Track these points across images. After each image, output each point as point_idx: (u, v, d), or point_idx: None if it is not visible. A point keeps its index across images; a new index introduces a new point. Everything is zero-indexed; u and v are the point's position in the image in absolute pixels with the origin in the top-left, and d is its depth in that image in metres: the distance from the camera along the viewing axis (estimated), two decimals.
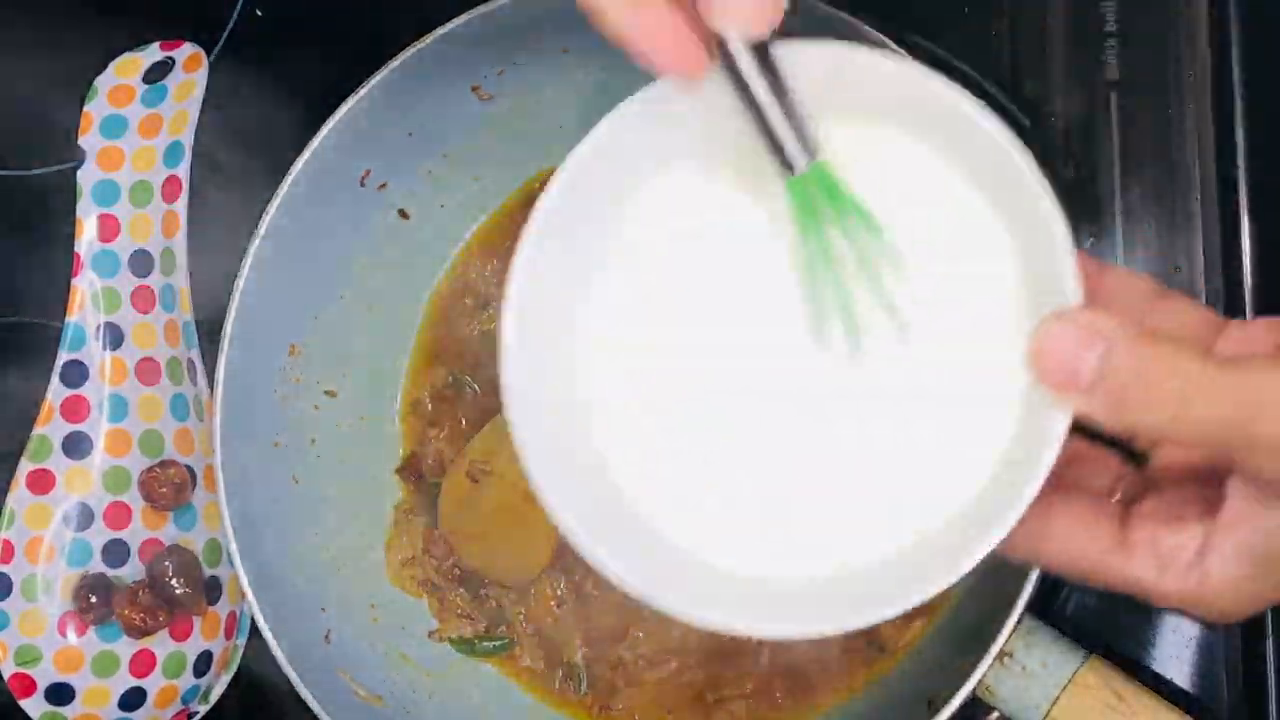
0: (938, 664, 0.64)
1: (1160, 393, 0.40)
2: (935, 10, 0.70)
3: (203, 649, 0.71)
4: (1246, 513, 0.43)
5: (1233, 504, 0.43)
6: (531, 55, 0.67)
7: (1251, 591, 0.43)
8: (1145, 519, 0.45)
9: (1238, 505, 0.43)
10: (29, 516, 0.70)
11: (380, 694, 0.67)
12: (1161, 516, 0.44)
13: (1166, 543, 0.44)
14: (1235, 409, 0.40)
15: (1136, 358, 0.41)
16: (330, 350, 0.70)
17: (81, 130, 0.72)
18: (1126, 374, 0.41)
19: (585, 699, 0.69)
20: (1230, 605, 0.44)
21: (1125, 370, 0.41)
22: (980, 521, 0.44)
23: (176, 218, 0.72)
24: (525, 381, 0.47)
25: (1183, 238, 0.67)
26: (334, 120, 0.64)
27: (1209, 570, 0.43)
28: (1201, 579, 0.43)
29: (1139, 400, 0.41)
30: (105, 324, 0.72)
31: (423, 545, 0.71)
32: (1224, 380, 0.40)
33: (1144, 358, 0.41)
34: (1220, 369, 0.40)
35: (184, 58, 0.74)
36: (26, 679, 0.69)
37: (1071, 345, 0.41)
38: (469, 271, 0.72)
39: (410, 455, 0.72)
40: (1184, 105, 0.68)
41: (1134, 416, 0.41)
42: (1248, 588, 0.43)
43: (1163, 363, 0.41)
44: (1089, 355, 0.41)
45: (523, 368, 0.48)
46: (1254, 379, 0.40)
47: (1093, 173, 0.68)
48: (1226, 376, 0.40)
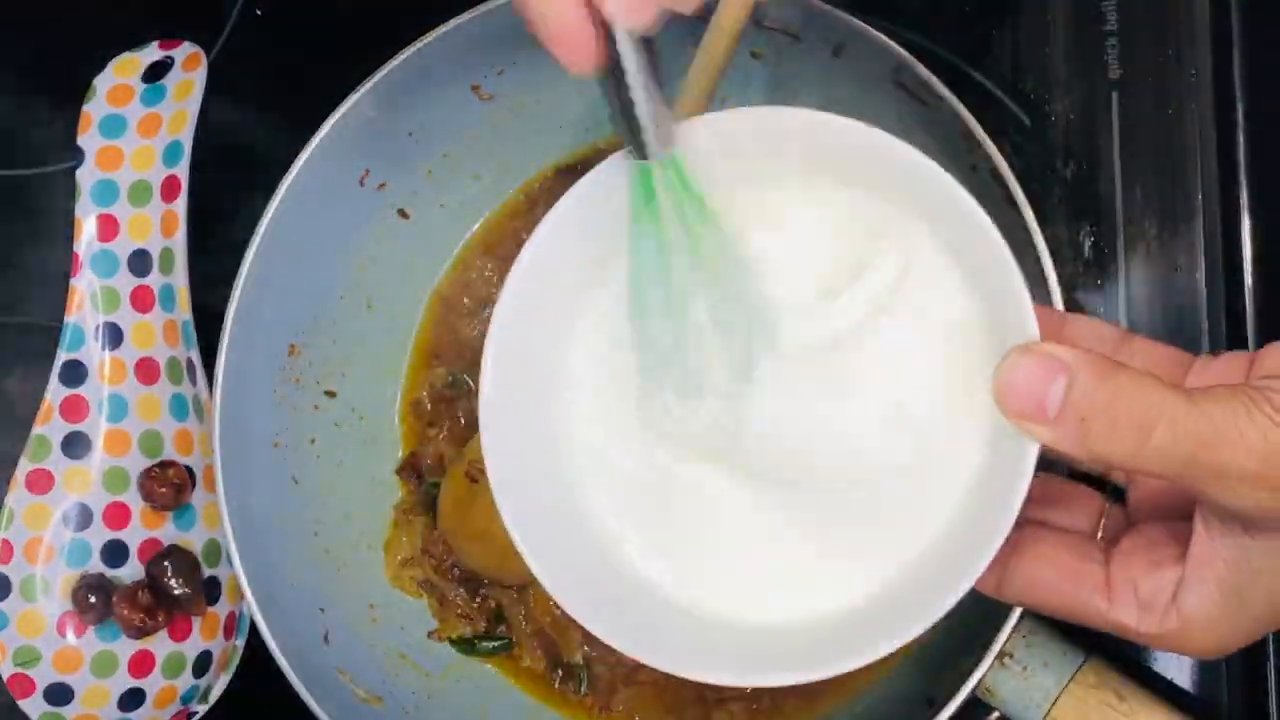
0: (938, 664, 0.64)
1: (1123, 421, 0.41)
2: (935, 10, 0.70)
3: (202, 649, 0.71)
4: (1214, 547, 0.43)
5: (1200, 538, 0.43)
6: (531, 55, 0.67)
7: (1230, 626, 0.44)
8: (1125, 560, 0.45)
9: (1204, 540, 0.43)
10: (28, 517, 0.70)
11: (380, 694, 0.67)
12: (1139, 559, 0.45)
13: (1145, 586, 0.44)
14: (1198, 438, 0.40)
15: (1099, 387, 0.41)
16: (330, 350, 0.70)
17: (80, 130, 0.72)
18: (1089, 403, 0.41)
19: (585, 699, 0.69)
20: (1211, 642, 0.44)
21: (1088, 399, 0.41)
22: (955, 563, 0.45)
23: (175, 217, 0.72)
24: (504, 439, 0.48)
25: (1183, 238, 0.67)
26: (334, 120, 0.64)
27: (1185, 609, 0.43)
28: (1179, 620, 0.44)
29: (1102, 429, 0.41)
30: (104, 324, 0.72)
31: (422, 545, 0.71)
32: (1186, 410, 0.40)
33: (1106, 387, 0.41)
34: (1183, 398, 0.41)
35: (183, 57, 0.74)
36: (25, 679, 0.69)
37: (1035, 376, 0.41)
38: (469, 271, 0.72)
39: (410, 455, 0.72)
40: (1184, 105, 0.68)
41: (1098, 446, 0.41)
42: (1225, 623, 0.43)
43: (1125, 391, 0.41)
44: (1053, 386, 0.41)
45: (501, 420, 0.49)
46: (1216, 409, 0.40)
47: (1093, 173, 0.68)
48: (1189, 406, 0.41)
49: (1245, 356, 0.46)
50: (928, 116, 0.61)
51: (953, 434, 0.46)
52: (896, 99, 0.62)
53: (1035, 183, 0.68)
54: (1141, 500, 0.48)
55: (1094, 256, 0.68)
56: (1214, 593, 0.43)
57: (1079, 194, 0.68)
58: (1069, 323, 0.48)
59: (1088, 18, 0.69)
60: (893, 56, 0.60)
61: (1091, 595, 0.45)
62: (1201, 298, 0.66)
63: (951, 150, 0.61)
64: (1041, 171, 0.69)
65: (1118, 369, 0.41)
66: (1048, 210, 0.68)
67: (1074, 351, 0.41)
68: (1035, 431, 0.42)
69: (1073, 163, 0.69)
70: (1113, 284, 0.68)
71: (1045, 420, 0.41)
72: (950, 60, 0.69)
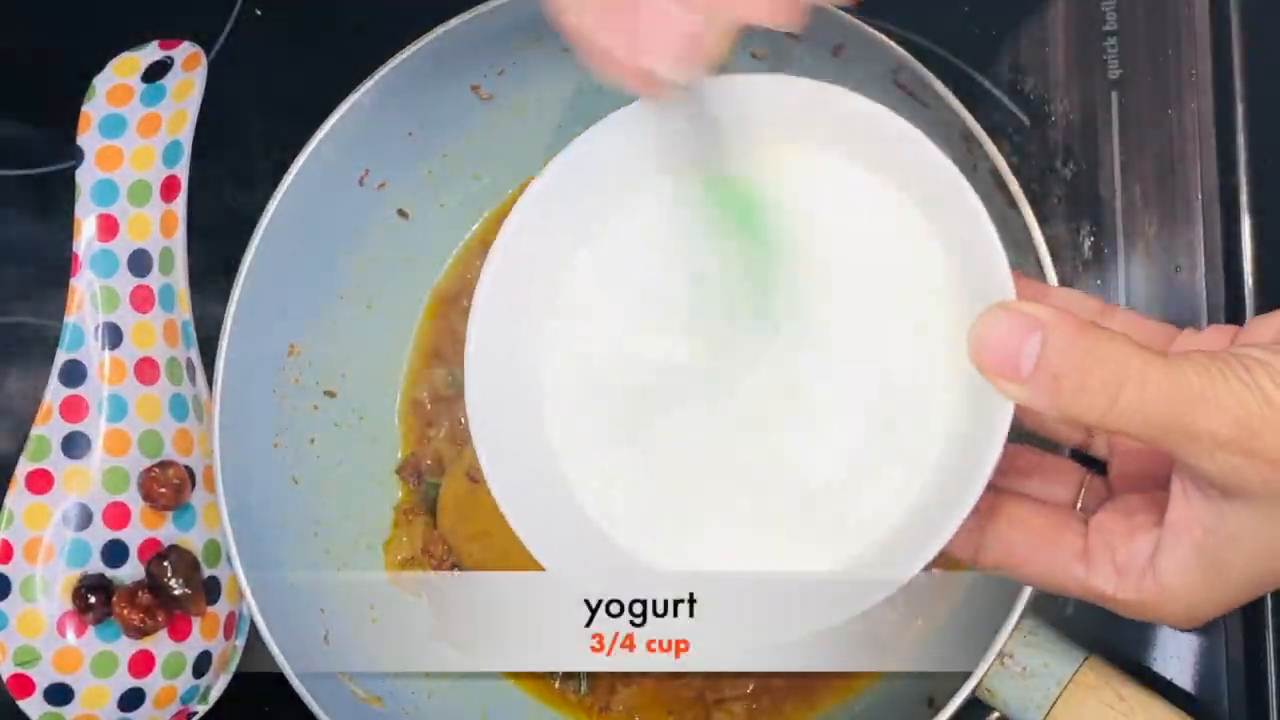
0: (938, 664, 0.64)
1: (1095, 380, 0.40)
2: (935, 10, 0.70)
3: (202, 649, 0.71)
4: (1191, 514, 0.43)
5: (1176, 505, 0.43)
6: (531, 55, 0.67)
7: (1206, 593, 0.43)
8: (1102, 529, 0.45)
9: (1181, 506, 0.43)
10: (28, 517, 0.70)
11: (379, 694, 0.67)
12: (1117, 526, 0.45)
13: (1122, 552, 0.44)
14: (1170, 400, 0.40)
15: (1072, 345, 0.41)
16: (330, 350, 0.70)
17: (80, 130, 0.72)
18: (1062, 361, 0.41)
19: (585, 699, 0.69)
20: (1185, 610, 0.44)
21: (1061, 357, 0.41)
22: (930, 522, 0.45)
23: (175, 217, 0.72)
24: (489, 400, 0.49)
25: (1183, 238, 0.67)
26: (334, 120, 0.64)
27: (1161, 576, 0.43)
28: (1156, 586, 0.43)
29: (1074, 387, 0.41)
30: (104, 324, 0.72)
31: (422, 545, 0.71)
32: (1160, 371, 0.40)
33: (1080, 345, 0.41)
34: (1156, 359, 0.41)
35: (183, 57, 0.74)
36: (25, 679, 0.69)
37: (1010, 334, 0.41)
38: (469, 271, 0.72)
39: (410, 455, 0.72)
40: (1184, 105, 0.68)
41: (1068, 403, 0.41)
42: (1201, 591, 0.43)
43: (1098, 349, 0.41)
44: (1027, 343, 0.41)
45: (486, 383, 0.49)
46: (1191, 372, 0.40)
47: (1093, 173, 0.68)
48: (1164, 367, 0.40)
49: (1230, 330, 0.46)
50: (928, 116, 0.61)
51: (929, 395, 0.47)
52: (896, 99, 0.62)
53: (1035, 183, 0.68)
54: (1122, 473, 0.48)
55: (1094, 256, 0.68)
56: (1190, 558, 0.43)
57: (1079, 194, 0.68)
58: (1049, 293, 0.48)
59: (1088, 18, 0.69)
60: (893, 56, 0.60)
61: (1069, 562, 0.45)
62: (1201, 298, 0.66)
63: (951, 150, 0.61)
64: (1041, 171, 0.69)
65: (1092, 328, 0.41)
66: (1048, 210, 0.68)
67: (1050, 310, 0.41)
68: (1009, 390, 0.42)
69: (1073, 163, 0.69)
70: (1113, 284, 0.68)
71: (1019, 378, 0.41)
72: (950, 60, 0.69)
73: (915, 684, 0.65)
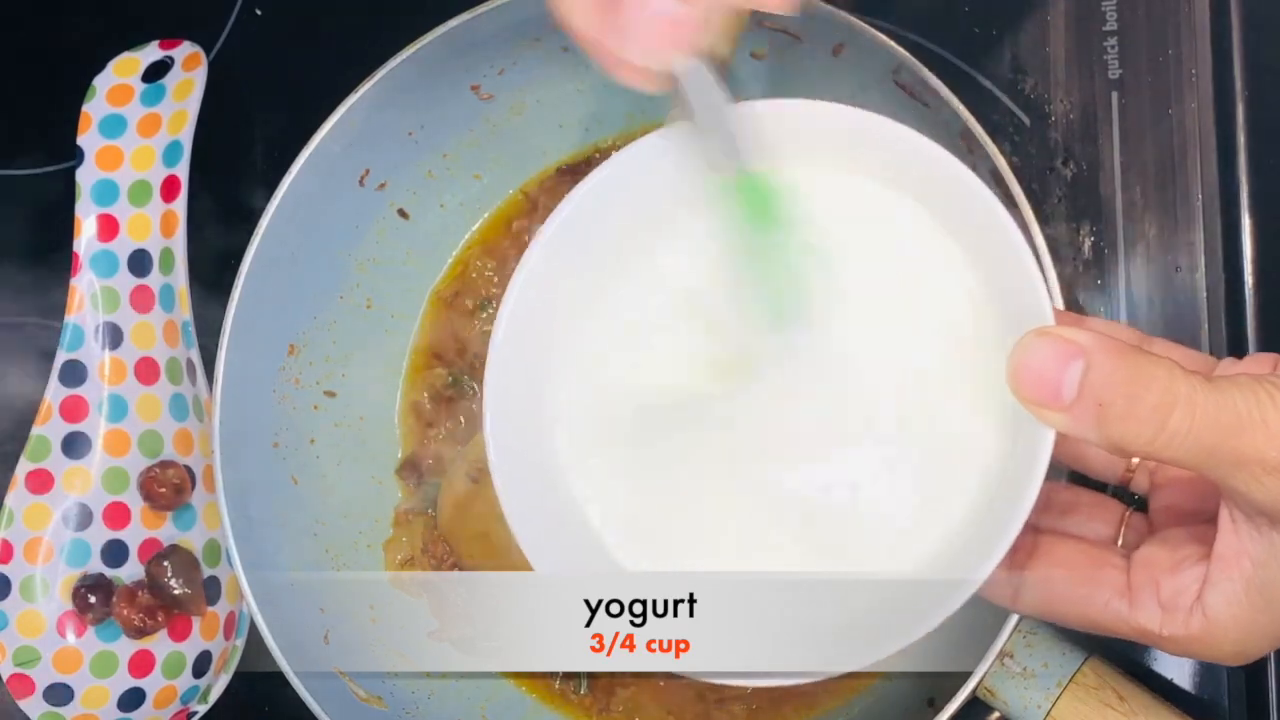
0: (938, 664, 0.64)
1: (1142, 405, 0.39)
2: (935, 10, 0.70)
3: (202, 649, 0.71)
4: (1240, 545, 0.42)
5: (1225, 536, 0.42)
6: (531, 55, 0.67)
7: (1257, 627, 0.42)
8: (1145, 564, 0.44)
9: (1230, 537, 0.42)
10: (28, 517, 0.70)
11: (380, 694, 0.67)
12: (1161, 560, 0.44)
13: (1167, 587, 0.43)
14: (1218, 424, 0.39)
15: (1116, 369, 0.40)
16: (330, 350, 0.70)
17: (80, 130, 0.72)
18: (1106, 387, 0.40)
19: (585, 699, 0.69)
20: (1236, 646, 0.42)
21: (1105, 382, 0.40)
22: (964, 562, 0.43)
23: (175, 217, 0.72)
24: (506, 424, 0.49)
25: (1183, 238, 0.67)
26: (334, 120, 0.64)
27: (1209, 611, 0.42)
28: (1204, 621, 0.42)
29: (1119, 413, 0.40)
30: (104, 324, 0.72)
31: (422, 545, 0.71)
32: (1206, 395, 0.39)
33: (1124, 370, 0.40)
34: (1203, 382, 0.40)
35: (183, 57, 0.74)
36: (25, 679, 0.69)
37: (1051, 360, 0.40)
38: (469, 271, 0.72)
39: (410, 455, 0.72)
40: (1184, 105, 0.68)
41: (1115, 430, 0.40)
42: (1251, 624, 0.42)
43: (1143, 375, 0.40)
44: (1069, 370, 0.40)
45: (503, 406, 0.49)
46: (1239, 395, 0.39)
47: (1093, 173, 0.68)
48: (1209, 391, 0.39)
49: (1272, 357, 0.45)
50: (928, 116, 0.61)
51: (965, 423, 0.45)
52: (896, 99, 0.62)
53: (1035, 183, 0.68)
54: (1165, 506, 0.47)
55: (1094, 256, 0.68)
56: (1240, 591, 0.42)
57: (1079, 194, 0.68)
58: (1087, 322, 0.47)
59: (1088, 18, 0.69)
60: (893, 56, 0.60)
61: (1111, 599, 0.44)
62: (1201, 298, 0.66)
63: (951, 150, 0.60)
64: (1041, 171, 0.69)
65: (1135, 351, 0.40)
66: (1048, 210, 0.68)
67: (1091, 334, 0.40)
68: (1051, 418, 0.40)
69: (1073, 163, 0.69)
70: (1113, 284, 0.68)
71: (1060, 405, 0.40)
72: (950, 60, 0.69)
73: (915, 684, 0.65)
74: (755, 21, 0.61)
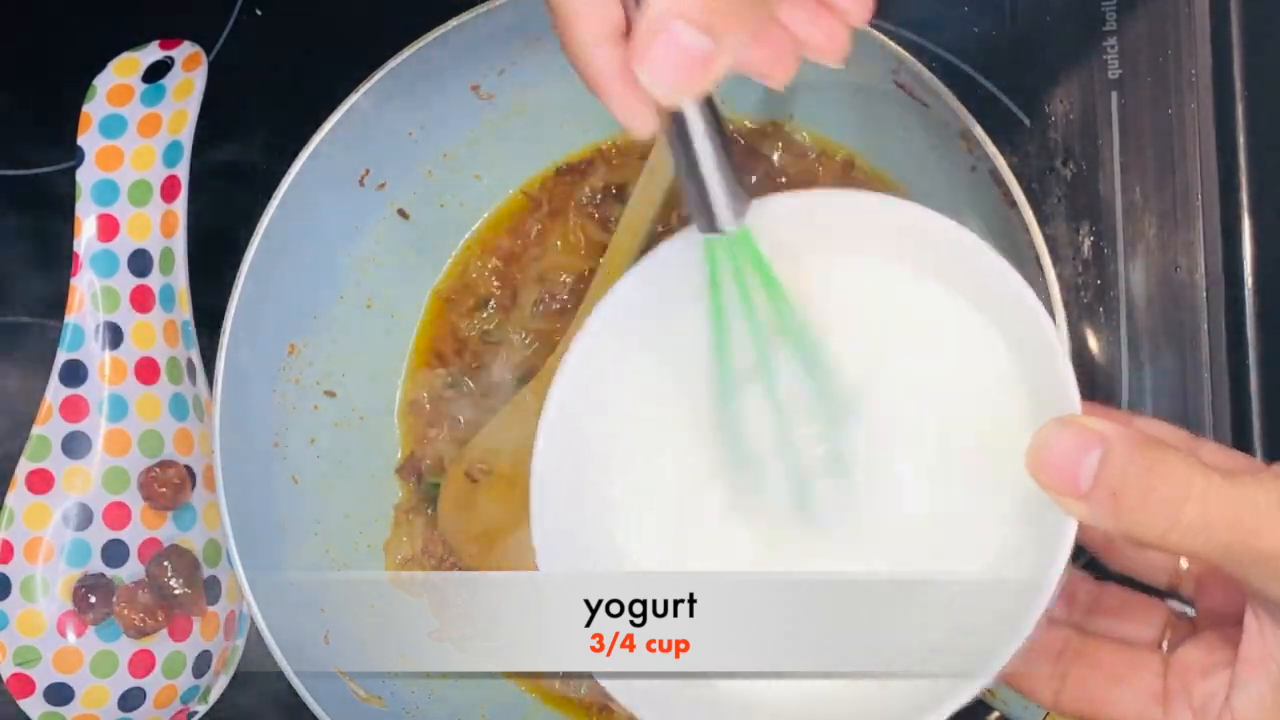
0: None
1: (1155, 497, 0.39)
2: (935, 10, 0.70)
3: (202, 649, 0.71)
4: (1265, 647, 0.41)
5: (1250, 638, 0.42)
6: (531, 55, 0.67)
7: None
8: (1180, 668, 0.44)
9: (1255, 639, 0.42)
10: (28, 516, 0.70)
11: (380, 694, 0.67)
12: (1195, 664, 0.43)
13: (1198, 692, 0.43)
14: (1236, 521, 0.39)
15: (1131, 460, 0.40)
16: (330, 350, 0.70)
17: (80, 130, 0.72)
18: (1121, 477, 0.40)
19: (585, 699, 0.69)
20: None
21: (1120, 473, 0.40)
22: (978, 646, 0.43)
23: (175, 217, 0.72)
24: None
25: (1183, 238, 0.67)
26: (334, 120, 0.64)
27: (1236, 714, 0.42)
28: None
29: (1132, 505, 0.40)
30: (104, 323, 0.72)
31: (422, 545, 0.71)
32: (1224, 490, 0.39)
33: (1138, 461, 0.40)
34: (1220, 477, 0.40)
35: (183, 57, 0.74)
36: (25, 679, 0.69)
37: (1070, 448, 0.40)
38: (469, 271, 0.72)
39: (410, 455, 0.72)
40: (1184, 105, 0.68)
41: (1129, 521, 0.40)
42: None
43: (1159, 466, 0.40)
44: (1087, 459, 0.40)
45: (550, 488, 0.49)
46: (1260, 492, 0.39)
47: (1093, 173, 0.68)
48: (1229, 486, 0.39)
49: None
50: (928, 116, 0.61)
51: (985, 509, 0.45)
52: (896, 99, 0.62)
53: (1035, 183, 0.68)
54: (1207, 608, 0.47)
55: (1094, 256, 0.68)
56: (1267, 694, 0.41)
57: (1079, 194, 0.68)
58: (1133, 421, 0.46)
59: (1088, 18, 0.69)
60: (893, 56, 0.60)
61: (1147, 704, 0.44)
62: (1201, 298, 0.66)
63: (951, 150, 0.61)
64: (1041, 171, 0.69)
65: (1154, 443, 0.40)
66: (1048, 210, 0.68)
67: (1111, 424, 0.40)
68: (1069, 506, 0.41)
69: (1073, 163, 0.69)
70: (1113, 284, 0.67)
71: (1078, 494, 0.40)
72: (950, 60, 0.69)
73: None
74: None
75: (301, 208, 0.65)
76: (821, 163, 0.68)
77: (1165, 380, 0.66)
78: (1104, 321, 0.67)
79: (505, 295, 0.72)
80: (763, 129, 0.69)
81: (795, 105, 0.68)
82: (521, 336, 0.71)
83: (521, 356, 0.71)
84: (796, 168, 0.69)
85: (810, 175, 0.68)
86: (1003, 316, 0.46)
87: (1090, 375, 0.66)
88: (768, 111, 0.69)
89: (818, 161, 0.69)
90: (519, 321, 0.71)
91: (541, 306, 0.71)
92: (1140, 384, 0.66)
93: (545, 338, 0.70)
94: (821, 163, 0.68)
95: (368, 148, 0.67)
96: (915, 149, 0.64)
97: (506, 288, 0.72)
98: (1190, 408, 0.65)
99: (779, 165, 0.69)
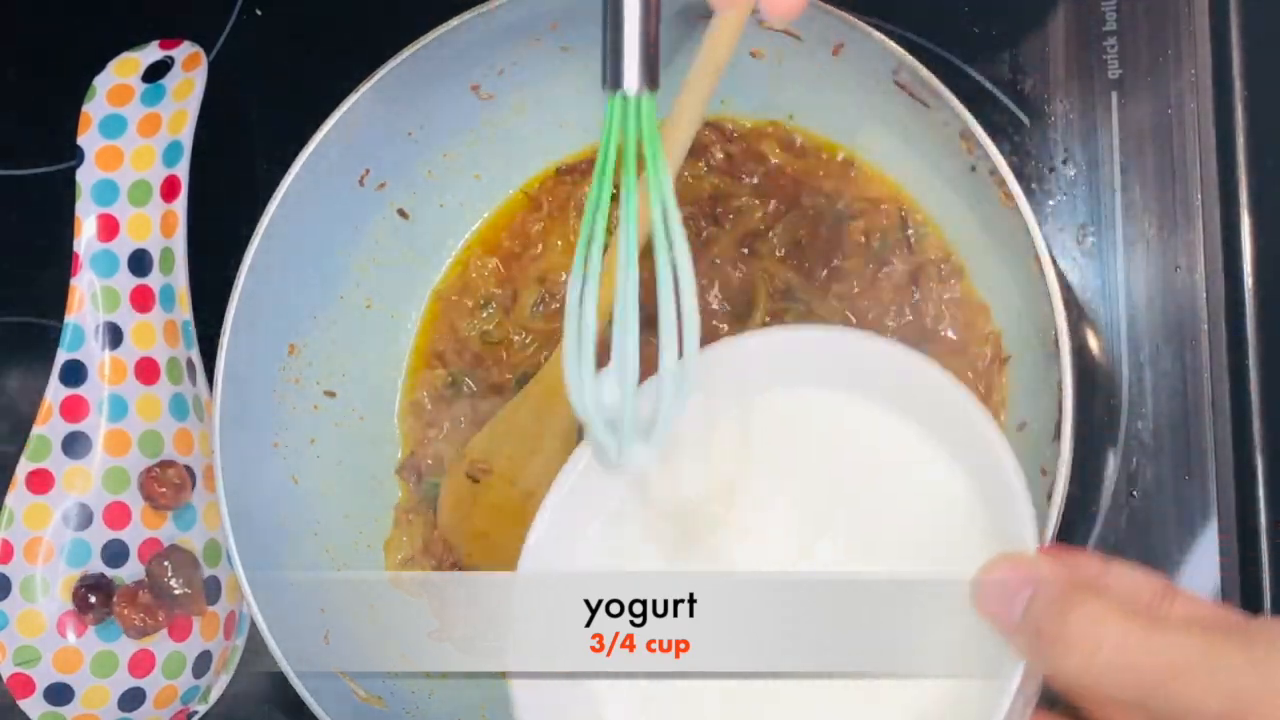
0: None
1: (1072, 637, 0.42)
2: (935, 10, 0.70)
3: (202, 649, 0.71)
4: None
5: None
6: (531, 55, 0.67)
7: None
8: None
9: None
10: (28, 516, 0.70)
11: (380, 695, 0.67)
12: None
13: None
14: (1153, 668, 0.41)
15: (1054, 602, 0.43)
16: (330, 350, 0.70)
17: (80, 130, 0.72)
18: (1043, 616, 0.43)
19: None
20: None
21: (1043, 612, 0.43)
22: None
23: (175, 217, 0.72)
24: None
25: (1183, 238, 0.67)
26: (334, 120, 0.64)
27: None
28: None
29: (1052, 643, 0.42)
30: (104, 323, 0.72)
31: (422, 545, 0.71)
32: (1144, 634, 0.41)
33: (1063, 604, 0.43)
34: (1142, 624, 0.42)
35: (183, 57, 0.74)
36: (25, 679, 0.69)
37: (1008, 584, 0.44)
38: (469, 271, 0.72)
39: (410, 455, 0.72)
40: (1184, 105, 0.68)
41: (1050, 658, 0.43)
42: None
43: (1080, 610, 0.42)
44: (1019, 595, 0.44)
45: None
46: (1189, 640, 0.41)
47: (1093, 173, 0.68)
48: (1148, 633, 0.41)
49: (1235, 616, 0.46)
50: (927, 116, 0.61)
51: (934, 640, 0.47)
52: (896, 99, 0.62)
53: (1035, 183, 0.68)
54: None
55: (1094, 256, 0.68)
56: None
57: (1079, 194, 0.68)
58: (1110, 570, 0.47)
59: (1088, 18, 0.69)
60: (893, 56, 0.60)
61: None
62: (1201, 298, 0.66)
63: (951, 150, 0.61)
64: (1041, 171, 0.69)
65: (1080, 590, 0.43)
66: (1048, 210, 0.68)
67: (1051, 566, 0.44)
68: (1007, 639, 0.44)
69: (1072, 163, 0.69)
70: (1113, 284, 0.67)
71: (1012, 627, 0.44)
72: (950, 60, 0.69)
73: None
74: (755, 21, 0.61)
75: (301, 207, 0.65)
76: (821, 162, 0.68)
77: (1165, 380, 0.66)
78: (1104, 321, 0.67)
79: (505, 295, 0.72)
80: (762, 129, 0.69)
81: (795, 105, 0.68)
82: (521, 336, 0.71)
83: (521, 356, 0.71)
84: (796, 167, 0.69)
85: (810, 175, 0.68)
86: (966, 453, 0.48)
87: (1090, 375, 0.66)
88: (767, 111, 0.69)
89: (818, 161, 0.69)
90: (519, 321, 0.71)
91: (541, 306, 0.71)
92: (1140, 384, 0.66)
93: (545, 338, 0.70)
94: (821, 162, 0.68)
95: (367, 148, 0.67)
96: (915, 149, 0.64)
97: (506, 288, 0.72)
98: (1190, 408, 0.65)
99: (779, 165, 0.69)
